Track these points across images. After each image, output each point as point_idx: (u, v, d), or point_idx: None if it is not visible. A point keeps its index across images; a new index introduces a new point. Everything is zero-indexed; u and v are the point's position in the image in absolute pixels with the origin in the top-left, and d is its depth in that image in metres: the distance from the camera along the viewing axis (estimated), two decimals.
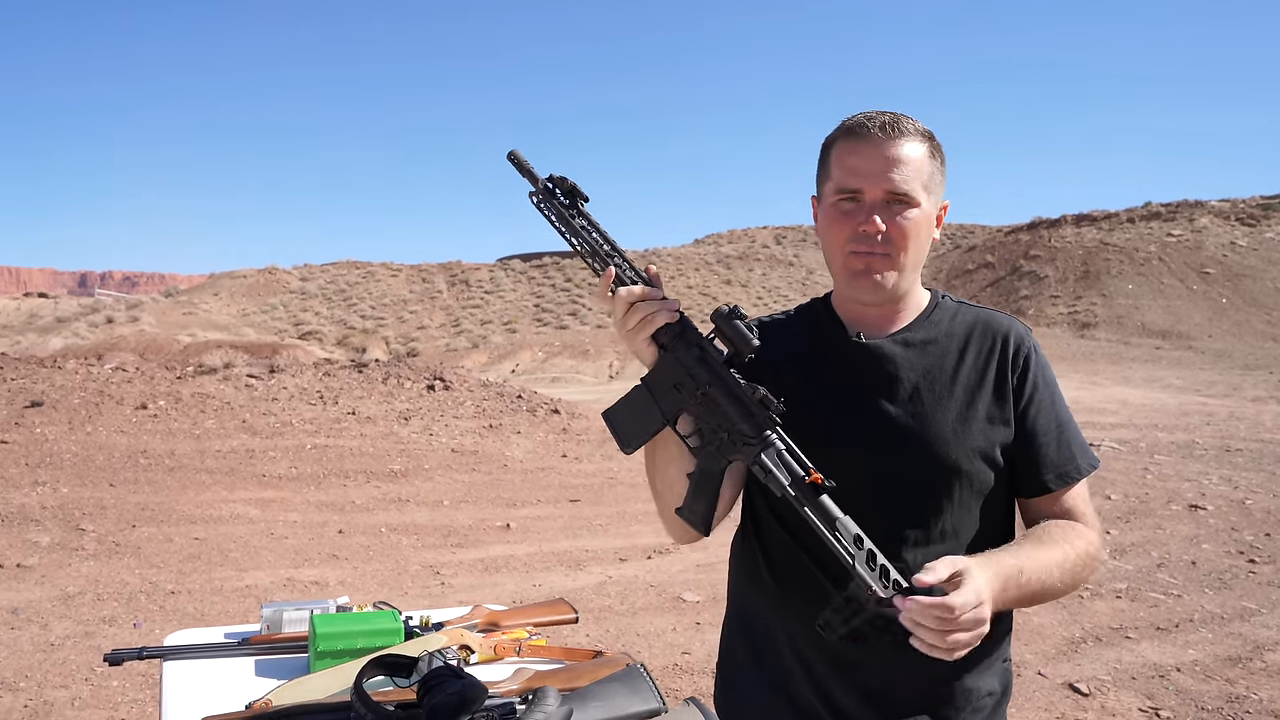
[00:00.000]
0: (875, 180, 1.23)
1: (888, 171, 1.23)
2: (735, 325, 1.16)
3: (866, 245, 1.24)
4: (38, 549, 5.45)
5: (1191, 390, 15.80)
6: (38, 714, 3.43)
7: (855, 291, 1.29)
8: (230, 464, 7.82)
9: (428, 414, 10.43)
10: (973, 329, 1.32)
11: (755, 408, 1.15)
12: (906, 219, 1.24)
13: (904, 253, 1.25)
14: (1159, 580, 5.26)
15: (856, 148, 1.25)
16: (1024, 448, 1.29)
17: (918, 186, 1.24)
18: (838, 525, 1.10)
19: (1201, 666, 4.05)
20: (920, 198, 1.24)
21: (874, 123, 1.24)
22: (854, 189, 1.25)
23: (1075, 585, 1.25)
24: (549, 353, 24.11)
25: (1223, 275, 28.77)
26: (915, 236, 1.25)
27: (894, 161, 1.23)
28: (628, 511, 6.83)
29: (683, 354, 1.18)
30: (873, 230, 1.23)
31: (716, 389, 1.17)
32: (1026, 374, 1.30)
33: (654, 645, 4.25)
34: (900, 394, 1.28)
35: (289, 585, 5.01)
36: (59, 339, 25.74)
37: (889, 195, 1.23)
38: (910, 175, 1.23)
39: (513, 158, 1.26)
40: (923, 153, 1.25)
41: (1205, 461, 8.87)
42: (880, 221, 1.23)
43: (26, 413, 8.98)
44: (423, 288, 37.78)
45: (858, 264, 1.26)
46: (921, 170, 1.24)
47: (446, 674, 1.41)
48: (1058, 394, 1.32)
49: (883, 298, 1.30)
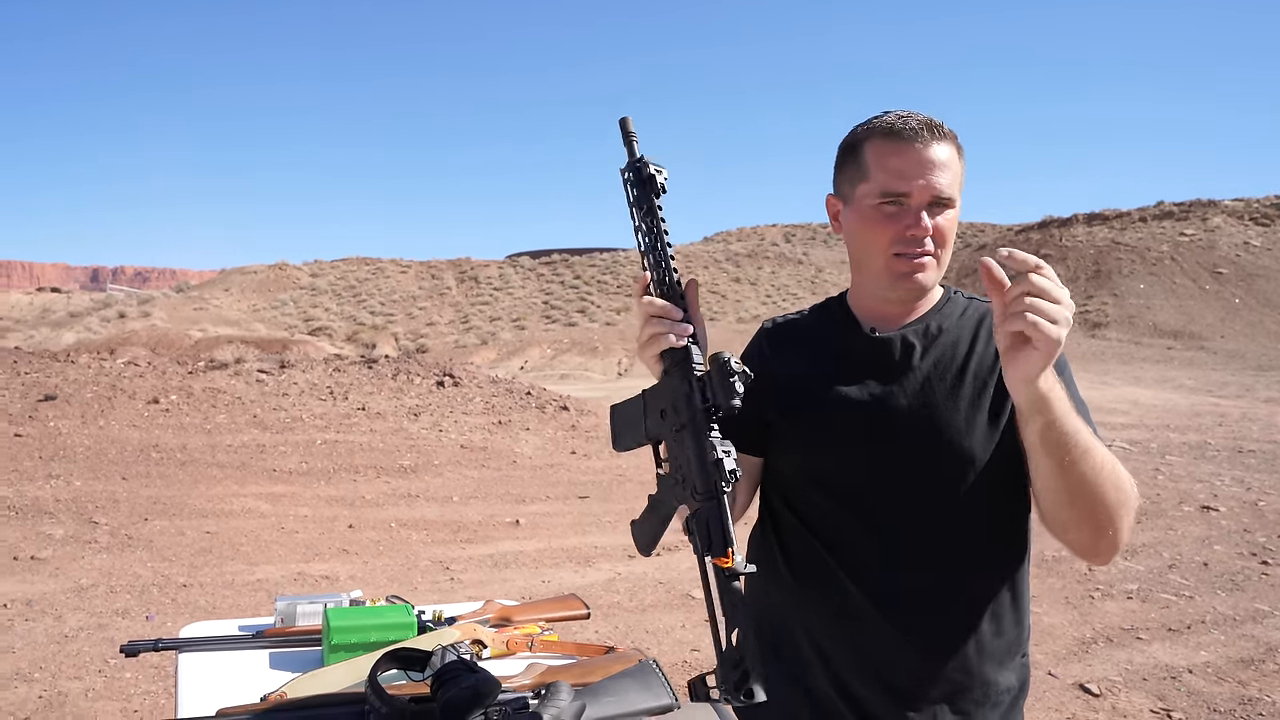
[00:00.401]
0: (922, 183, 1.24)
1: (932, 175, 1.24)
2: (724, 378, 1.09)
3: (915, 248, 1.26)
4: (52, 541, 5.49)
5: (1204, 391, 15.70)
6: (52, 705, 3.46)
7: (899, 293, 1.30)
8: (241, 459, 7.86)
9: (437, 410, 10.46)
10: (985, 315, 1.33)
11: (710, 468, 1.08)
12: (947, 219, 1.26)
13: (944, 251, 1.28)
14: (1170, 581, 5.24)
15: (899, 149, 1.25)
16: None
17: (956, 189, 1.27)
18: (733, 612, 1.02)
19: (1214, 668, 4.03)
20: (957, 199, 1.27)
21: (915, 123, 1.25)
22: (901, 192, 1.25)
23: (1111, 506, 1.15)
24: (558, 349, 24.15)
25: (1236, 275, 28.58)
26: (951, 236, 1.28)
27: (936, 164, 1.24)
28: (636, 508, 6.74)
29: (677, 383, 1.15)
30: (923, 234, 1.24)
31: (688, 432, 1.12)
32: None
33: (663, 642, 4.25)
34: (911, 384, 1.30)
35: (299, 579, 5.03)
36: (72, 334, 25.93)
37: (934, 198, 1.24)
38: (951, 178, 1.25)
39: (623, 124, 1.22)
40: (956, 154, 1.27)
41: (1217, 462, 8.82)
42: (929, 223, 1.25)
43: (40, 406, 9.05)
44: (432, 284, 37.88)
45: (903, 266, 1.27)
46: (958, 172, 1.27)
47: (460, 668, 1.42)
48: (1070, 378, 1.30)
49: (918, 296, 1.33)
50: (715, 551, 1.05)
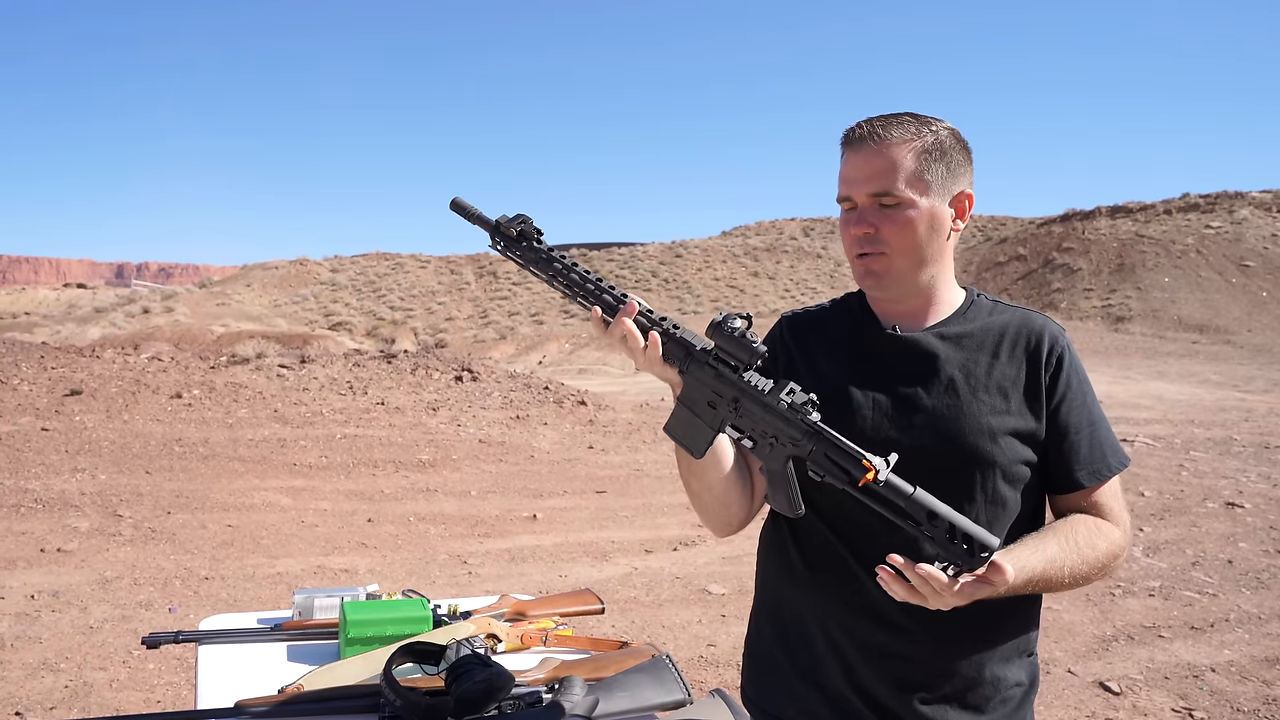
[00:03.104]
0: (860, 186, 1.27)
1: (869, 176, 1.26)
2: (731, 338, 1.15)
3: (861, 247, 1.29)
4: (77, 534, 5.57)
5: (1229, 386, 15.48)
6: (77, 694, 3.51)
7: (867, 290, 1.36)
8: (262, 453, 7.94)
9: (456, 405, 10.50)
10: (1007, 326, 1.33)
11: (788, 414, 1.16)
12: (901, 216, 1.26)
13: (901, 251, 1.28)
14: (1194, 579, 5.18)
15: (847, 156, 1.30)
16: (1056, 444, 1.30)
17: (901, 185, 1.26)
18: (910, 503, 1.11)
19: (1237, 667, 3.98)
20: (909, 195, 1.26)
21: (861, 130, 1.29)
22: (845, 196, 1.30)
23: (1086, 583, 1.28)
24: (576, 344, 24.18)
25: (1263, 268, 28.11)
26: (911, 233, 1.27)
27: (876, 165, 1.26)
28: (654, 503, 6.84)
29: (699, 372, 1.19)
30: (859, 233, 1.28)
31: (746, 401, 1.18)
32: (1060, 372, 1.31)
33: (679, 637, 4.26)
34: (937, 386, 1.30)
35: (319, 573, 5.08)
36: (97, 329, 26.25)
37: (875, 198, 1.27)
38: (894, 176, 1.25)
39: (456, 206, 1.24)
40: (911, 152, 1.26)
41: (1243, 459, 8.70)
42: (870, 223, 1.27)
43: (66, 401, 9.18)
44: (451, 279, 38.01)
45: (859, 266, 1.31)
46: (907, 169, 1.26)
47: (474, 662, 1.43)
48: (1090, 393, 1.33)
49: (893, 294, 1.33)
50: (856, 475, 1.11)
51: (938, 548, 1.09)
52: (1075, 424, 1.30)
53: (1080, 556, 1.23)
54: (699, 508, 1.36)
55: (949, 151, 1.29)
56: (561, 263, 1.21)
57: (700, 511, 1.36)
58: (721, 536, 1.39)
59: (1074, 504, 1.32)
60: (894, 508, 1.11)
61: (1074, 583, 1.24)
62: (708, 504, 1.33)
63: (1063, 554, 1.22)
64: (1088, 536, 1.26)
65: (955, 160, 1.30)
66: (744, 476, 1.35)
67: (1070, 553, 1.23)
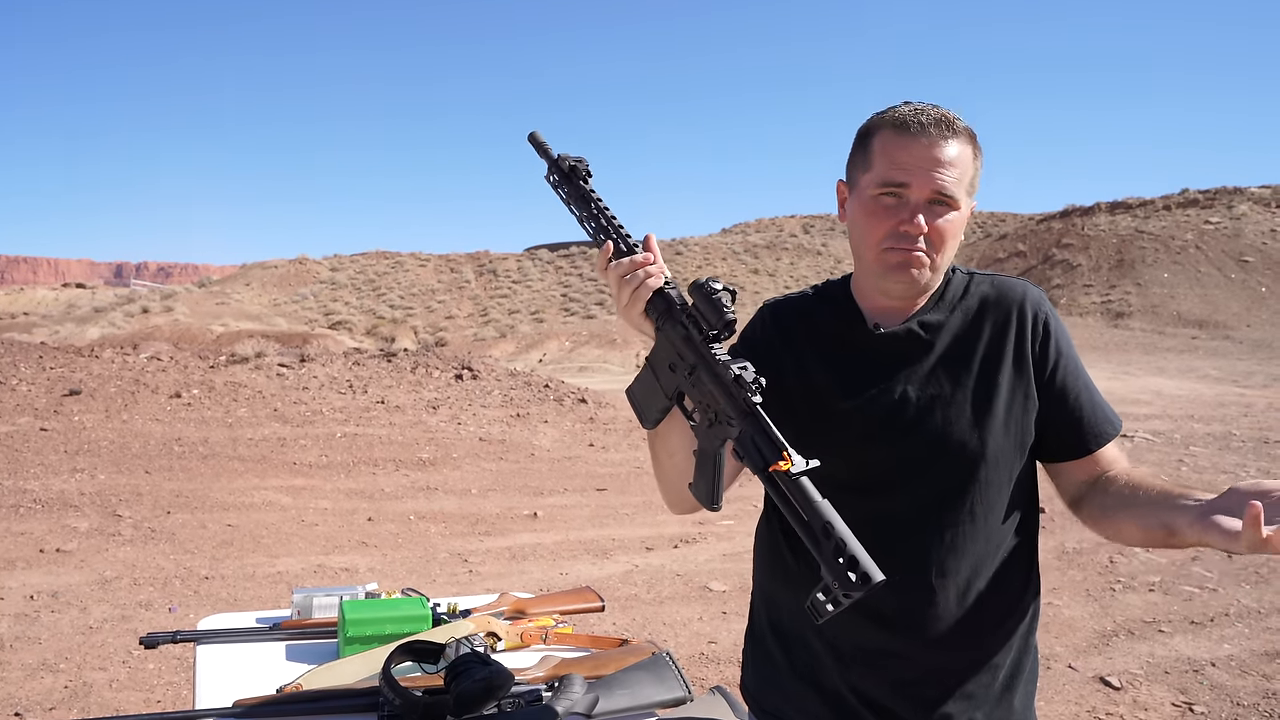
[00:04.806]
0: (923, 179, 1.20)
1: (936, 171, 1.20)
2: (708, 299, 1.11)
3: (906, 244, 1.23)
4: (76, 534, 5.56)
5: (1229, 381, 15.48)
6: (77, 694, 3.51)
7: (887, 284, 1.28)
8: (262, 452, 7.93)
9: (456, 403, 10.50)
10: (985, 302, 1.31)
11: (732, 387, 1.08)
12: (947, 221, 1.23)
13: (940, 254, 1.24)
14: (1193, 573, 5.18)
15: (905, 143, 1.22)
16: (1056, 413, 1.27)
17: (961, 190, 1.22)
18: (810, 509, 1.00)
19: (1237, 661, 3.98)
20: (962, 201, 1.23)
21: (925, 118, 1.22)
22: (900, 183, 1.22)
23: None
24: (576, 342, 24.18)
25: (1262, 263, 28.09)
26: (953, 238, 1.24)
27: (942, 162, 1.20)
28: (654, 501, 6.83)
29: (671, 332, 1.15)
30: (915, 231, 1.21)
31: (702, 369, 1.12)
32: (1048, 340, 1.28)
33: (680, 634, 4.26)
34: (918, 379, 1.28)
35: (320, 572, 5.08)
36: (96, 328, 26.24)
37: (934, 195, 1.21)
38: (957, 177, 1.22)
39: (533, 140, 1.26)
40: (969, 154, 1.23)
41: (1242, 454, 8.70)
42: (923, 222, 1.21)
43: (65, 401, 9.17)
44: (451, 278, 38.00)
45: (894, 258, 1.24)
46: (966, 172, 1.23)
47: (473, 660, 1.42)
48: (1077, 356, 1.31)
49: (913, 293, 1.29)
50: (770, 460, 1.03)
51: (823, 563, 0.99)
52: (1072, 389, 1.28)
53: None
54: (659, 476, 1.30)
55: (981, 158, 1.27)
56: (598, 205, 1.22)
57: (661, 481, 1.30)
58: (677, 514, 1.33)
59: (1083, 470, 1.29)
60: (794, 511, 1.02)
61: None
62: (668, 471, 1.27)
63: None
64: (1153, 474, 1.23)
65: (981, 169, 1.28)
66: None
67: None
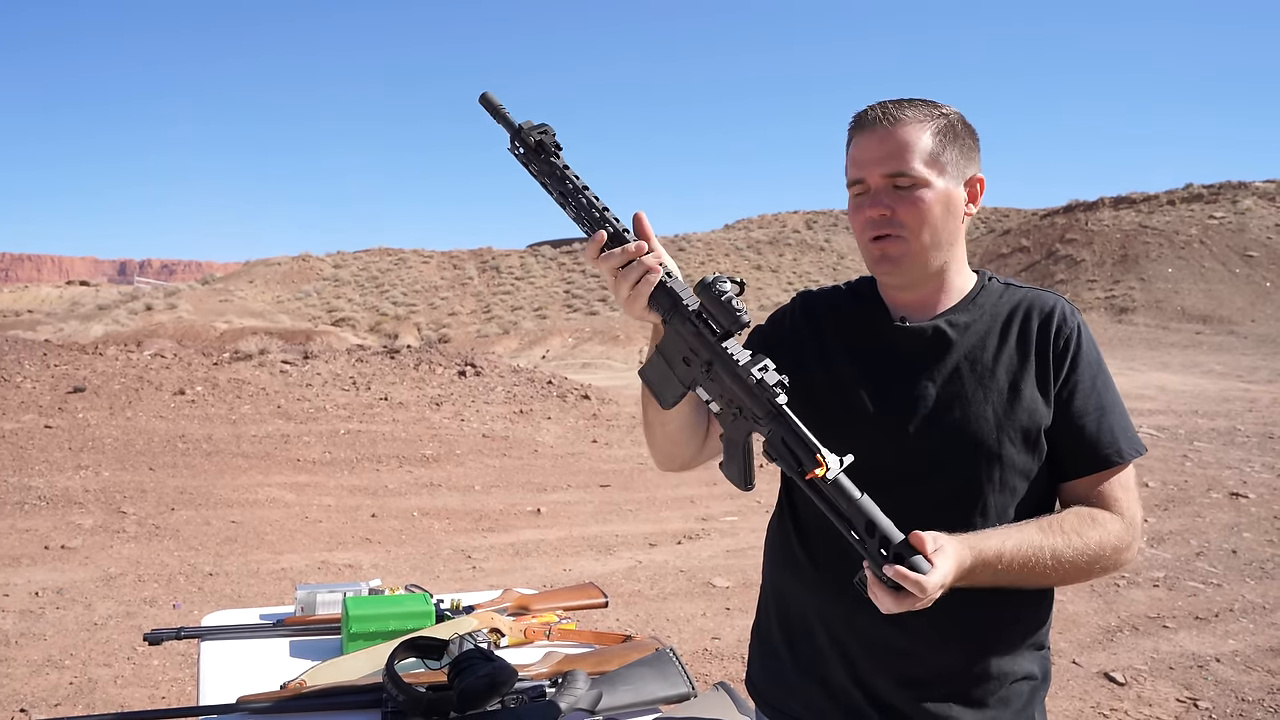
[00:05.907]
0: (873, 167, 1.25)
1: (885, 156, 1.24)
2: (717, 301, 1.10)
3: (876, 230, 1.26)
4: (81, 531, 5.58)
5: (1233, 376, 15.45)
6: (82, 691, 3.52)
7: (880, 276, 1.32)
8: (265, 449, 7.94)
9: (459, 400, 10.51)
10: (1016, 309, 1.30)
11: (756, 389, 1.10)
12: (916, 197, 1.24)
13: (918, 233, 1.25)
14: (1198, 569, 5.17)
15: (860, 140, 1.27)
16: (1062, 429, 1.26)
17: (919, 165, 1.23)
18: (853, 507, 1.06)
19: (1242, 657, 3.97)
20: (926, 175, 1.23)
21: (874, 112, 1.26)
22: (858, 179, 1.27)
23: (1082, 576, 1.23)
24: (579, 338, 24.19)
25: (1267, 258, 28.00)
26: (929, 214, 1.24)
27: (891, 146, 1.24)
28: (658, 497, 6.83)
29: (680, 327, 1.15)
30: (875, 215, 1.25)
31: (720, 367, 1.13)
32: (1067, 354, 1.27)
33: (684, 630, 4.26)
34: (940, 376, 1.28)
35: (323, 568, 5.08)
36: (100, 326, 26.29)
37: (889, 179, 1.24)
38: (909, 155, 1.23)
39: (486, 102, 1.19)
40: (926, 131, 1.24)
41: (1247, 449, 8.68)
42: (886, 205, 1.24)
43: (69, 398, 9.19)
44: (454, 274, 38.01)
45: (875, 250, 1.28)
46: (923, 149, 1.24)
47: (477, 657, 1.42)
48: (1102, 376, 1.29)
49: (907, 279, 1.29)
50: (807, 466, 1.07)
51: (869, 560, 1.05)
52: (1081, 408, 1.26)
53: (1066, 543, 1.18)
54: (648, 436, 1.36)
55: (961, 134, 1.27)
56: (574, 183, 1.16)
57: (649, 441, 1.36)
58: (663, 470, 1.40)
59: (1080, 492, 1.27)
60: (835, 510, 1.07)
61: (1062, 572, 1.19)
62: (658, 437, 1.33)
63: (1043, 539, 1.17)
64: (1075, 524, 1.21)
65: (967, 144, 1.28)
66: (700, 424, 1.33)
67: (1054, 539, 1.18)
